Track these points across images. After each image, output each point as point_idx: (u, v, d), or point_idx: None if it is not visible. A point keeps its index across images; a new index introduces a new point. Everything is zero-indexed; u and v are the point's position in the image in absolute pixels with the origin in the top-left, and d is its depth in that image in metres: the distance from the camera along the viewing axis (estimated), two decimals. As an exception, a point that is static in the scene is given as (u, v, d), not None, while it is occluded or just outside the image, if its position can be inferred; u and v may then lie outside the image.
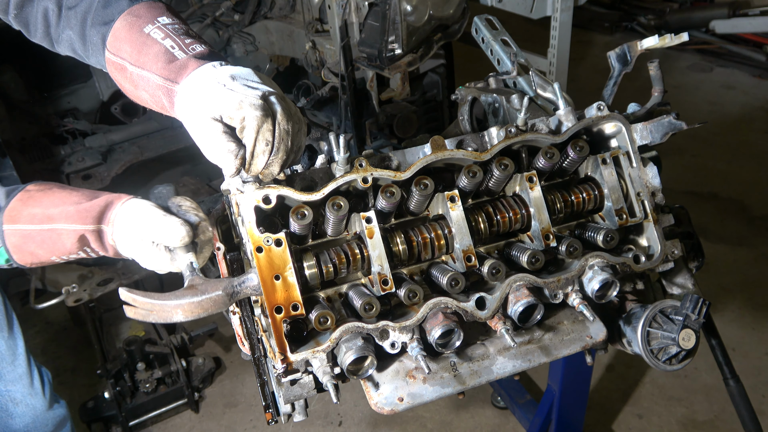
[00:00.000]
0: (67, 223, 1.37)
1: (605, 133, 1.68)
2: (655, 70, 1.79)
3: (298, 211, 1.36)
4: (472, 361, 1.53)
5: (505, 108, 1.89)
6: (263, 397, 1.55)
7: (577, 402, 3.13)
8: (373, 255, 1.41)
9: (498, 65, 2.06)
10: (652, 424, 3.49)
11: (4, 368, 2.36)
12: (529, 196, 1.55)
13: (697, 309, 1.56)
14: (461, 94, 2.10)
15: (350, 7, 3.35)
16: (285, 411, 1.55)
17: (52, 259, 1.43)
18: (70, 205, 1.39)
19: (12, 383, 2.38)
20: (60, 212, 1.38)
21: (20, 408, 2.40)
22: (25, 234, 1.39)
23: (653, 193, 1.66)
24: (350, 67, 3.52)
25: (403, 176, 1.44)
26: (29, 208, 1.40)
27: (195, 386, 3.75)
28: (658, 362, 1.64)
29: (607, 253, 1.59)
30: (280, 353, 1.34)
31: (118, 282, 3.52)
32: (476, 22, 2.12)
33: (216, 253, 1.60)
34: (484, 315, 1.47)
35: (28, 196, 1.42)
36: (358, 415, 3.56)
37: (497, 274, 1.49)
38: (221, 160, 1.29)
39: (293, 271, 1.35)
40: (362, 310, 1.39)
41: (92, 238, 1.38)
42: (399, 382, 1.47)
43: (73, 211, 1.38)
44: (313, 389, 1.47)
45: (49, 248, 1.39)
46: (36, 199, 1.41)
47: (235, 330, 1.65)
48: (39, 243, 1.39)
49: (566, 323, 1.63)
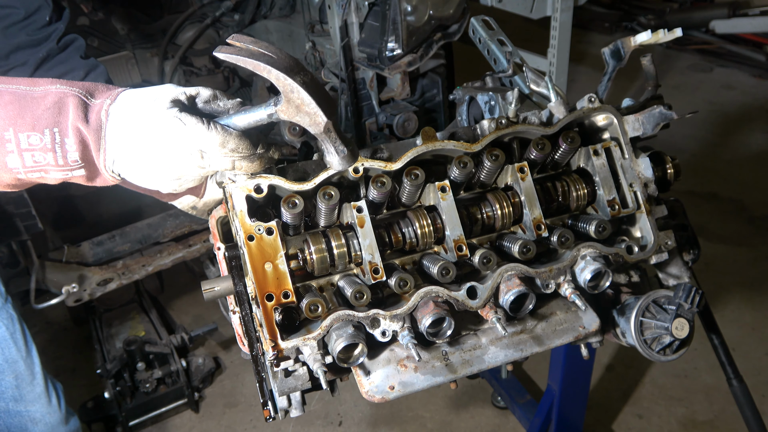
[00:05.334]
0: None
1: (597, 125, 1.69)
2: (648, 63, 1.79)
3: (289, 200, 1.36)
4: (463, 350, 1.53)
5: (501, 105, 1.91)
6: (261, 393, 1.56)
7: (577, 402, 3.13)
8: (364, 244, 1.42)
9: (494, 65, 2.08)
10: (652, 424, 3.49)
11: (24, 389, 2.36)
12: (520, 187, 1.56)
13: (690, 298, 1.56)
14: (459, 94, 2.11)
15: (350, 7, 3.35)
16: (282, 406, 1.55)
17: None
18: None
19: (31, 403, 2.39)
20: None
21: (39, 427, 2.41)
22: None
23: (646, 184, 1.66)
24: (350, 67, 3.52)
25: (395, 167, 1.45)
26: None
27: (195, 386, 3.76)
28: (651, 352, 1.64)
29: (600, 244, 1.59)
30: (270, 340, 1.35)
31: (118, 282, 3.52)
32: (473, 23, 2.15)
33: (216, 253, 1.60)
34: (476, 304, 1.48)
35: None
36: (358, 414, 3.56)
37: (488, 263, 1.49)
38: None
39: (284, 259, 1.36)
40: (353, 298, 1.39)
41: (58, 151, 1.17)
42: (390, 370, 1.48)
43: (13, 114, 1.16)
44: (307, 381, 1.47)
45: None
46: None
47: (235, 329, 1.65)
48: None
49: (559, 313, 1.63)
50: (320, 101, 1.20)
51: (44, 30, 2.13)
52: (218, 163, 1.24)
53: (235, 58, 1.18)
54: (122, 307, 4.19)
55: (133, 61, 3.81)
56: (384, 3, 3.19)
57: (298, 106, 1.20)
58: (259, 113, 1.24)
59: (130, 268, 3.55)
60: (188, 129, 1.19)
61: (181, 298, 4.57)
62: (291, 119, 1.22)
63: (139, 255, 3.60)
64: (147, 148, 1.21)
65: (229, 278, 1.52)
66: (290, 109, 1.21)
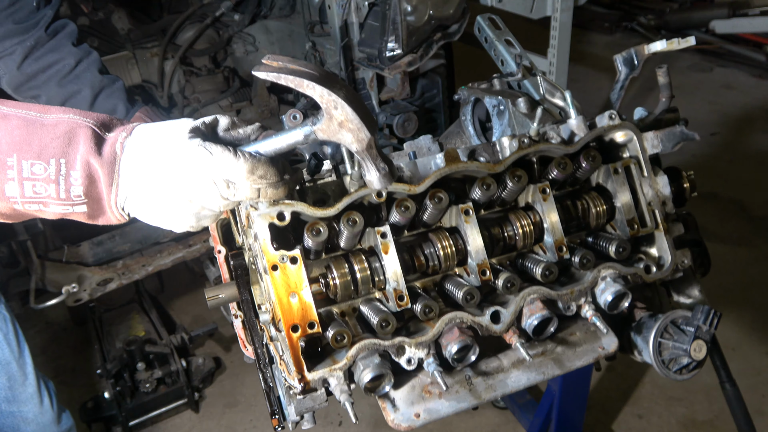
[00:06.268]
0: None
1: (616, 141, 1.67)
2: (663, 76, 1.77)
3: (314, 228, 1.33)
4: (486, 374, 1.53)
5: (511, 111, 1.87)
6: (269, 403, 1.53)
7: (577, 402, 3.13)
8: (389, 271, 1.40)
9: (502, 66, 2.04)
10: (652, 424, 3.50)
11: (16, 389, 2.35)
12: (542, 208, 1.54)
13: (709, 320, 1.57)
14: (464, 94, 2.07)
15: (350, 7, 3.35)
16: (293, 419, 1.54)
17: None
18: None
19: (23, 404, 2.37)
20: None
21: (31, 427, 2.40)
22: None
23: (664, 202, 1.66)
24: (350, 67, 3.52)
25: (418, 190, 1.42)
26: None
27: (195, 386, 3.75)
28: (669, 372, 1.64)
29: (619, 264, 1.58)
30: (297, 372, 1.33)
31: (118, 282, 3.52)
32: (479, 21, 2.09)
33: (216, 257, 1.58)
34: (499, 329, 1.47)
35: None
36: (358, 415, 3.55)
37: (512, 287, 1.48)
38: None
39: (308, 288, 1.34)
40: (378, 327, 1.37)
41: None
42: (415, 397, 1.47)
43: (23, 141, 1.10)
44: (324, 402, 1.46)
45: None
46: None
47: (237, 333, 1.64)
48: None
49: (578, 334, 1.62)
50: (363, 117, 1.16)
51: (32, 17, 2.03)
52: (244, 191, 1.18)
53: (276, 76, 1.14)
54: (122, 307, 4.18)
55: (133, 61, 3.81)
56: (384, 3, 3.18)
57: (342, 122, 1.15)
58: (292, 135, 1.19)
59: (130, 268, 3.54)
60: (215, 158, 1.14)
61: (181, 298, 4.57)
62: (330, 138, 1.18)
63: (139, 255, 3.59)
64: (167, 181, 1.15)
65: (233, 285, 1.50)
66: (332, 126, 1.16)
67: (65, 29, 2.11)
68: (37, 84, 2.07)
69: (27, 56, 2.03)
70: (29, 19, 2.03)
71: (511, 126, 1.89)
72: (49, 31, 2.06)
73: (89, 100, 2.07)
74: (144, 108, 2.14)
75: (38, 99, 2.08)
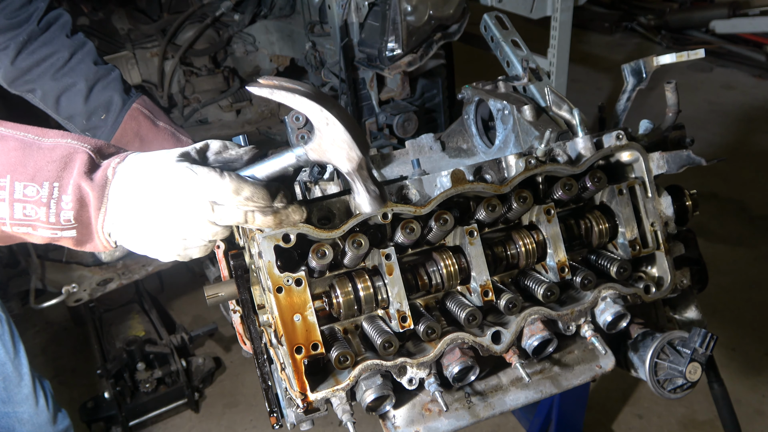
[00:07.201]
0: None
1: (621, 160, 1.67)
2: (671, 92, 1.75)
3: (319, 250, 1.34)
4: (486, 392, 1.54)
5: (516, 117, 1.85)
6: (268, 402, 1.53)
7: (577, 402, 3.14)
8: (392, 292, 1.41)
9: (507, 67, 2.00)
10: (652, 424, 3.50)
11: (12, 390, 2.35)
12: (546, 229, 1.55)
13: (705, 343, 1.57)
14: (468, 93, 2.06)
15: (350, 7, 3.35)
16: (292, 421, 1.54)
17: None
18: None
19: (19, 404, 2.37)
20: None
21: (27, 427, 2.40)
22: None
23: (666, 223, 1.66)
24: (350, 67, 3.53)
25: (423, 211, 1.43)
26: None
27: (195, 386, 3.76)
28: (663, 391, 1.66)
29: (620, 285, 1.59)
30: (300, 393, 1.35)
31: (118, 282, 3.52)
32: (486, 19, 2.04)
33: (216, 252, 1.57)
34: (500, 349, 1.48)
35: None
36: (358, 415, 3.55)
37: (513, 308, 1.49)
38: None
39: (313, 309, 1.35)
40: (381, 348, 1.38)
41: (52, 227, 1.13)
42: (415, 415, 1.48)
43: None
44: (324, 411, 1.47)
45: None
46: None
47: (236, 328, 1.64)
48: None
49: (576, 353, 1.64)
50: (355, 136, 1.16)
51: (23, 11, 1.99)
52: (230, 213, 1.16)
53: (269, 92, 1.16)
54: (122, 307, 4.18)
55: (133, 61, 3.81)
56: (384, 3, 3.19)
57: (333, 140, 1.16)
58: (284, 159, 1.20)
59: (129, 268, 3.54)
60: (200, 178, 1.13)
61: (181, 298, 4.57)
62: (322, 158, 1.18)
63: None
64: (152, 205, 1.15)
65: (232, 283, 1.50)
66: (323, 144, 1.17)
67: (58, 21, 2.07)
68: (32, 78, 2.04)
69: (20, 51, 2.00)
70: (20, 13, 1.99)
71: (515, 132, 1.88)
72: (42, 24, 2.03)
73: (84, 92, 2.03)
74: (141, 98, 2.10)
75: (33, 93, 2.05)
